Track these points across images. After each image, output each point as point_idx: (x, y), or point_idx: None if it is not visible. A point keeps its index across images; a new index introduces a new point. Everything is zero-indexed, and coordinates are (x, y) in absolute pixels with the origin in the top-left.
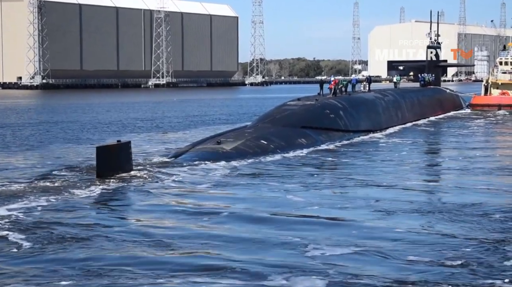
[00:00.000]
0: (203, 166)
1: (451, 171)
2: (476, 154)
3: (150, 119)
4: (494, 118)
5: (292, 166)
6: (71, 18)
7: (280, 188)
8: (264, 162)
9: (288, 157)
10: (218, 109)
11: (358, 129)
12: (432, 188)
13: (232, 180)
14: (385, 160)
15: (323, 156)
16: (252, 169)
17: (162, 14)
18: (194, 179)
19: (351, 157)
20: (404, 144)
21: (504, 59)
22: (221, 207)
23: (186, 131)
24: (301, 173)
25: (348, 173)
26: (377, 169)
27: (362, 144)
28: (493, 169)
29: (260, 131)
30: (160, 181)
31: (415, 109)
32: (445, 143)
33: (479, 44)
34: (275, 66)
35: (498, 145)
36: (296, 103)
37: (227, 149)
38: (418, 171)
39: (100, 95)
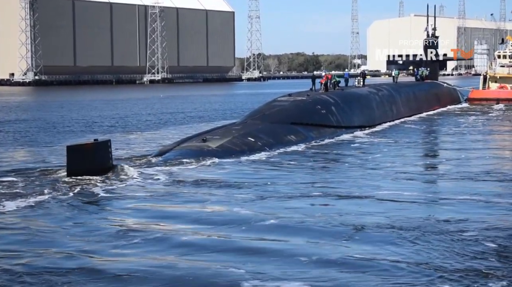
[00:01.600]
0: (182, 166)
1: (421, 175)
2: (463, 155)
3: (113, 118)
4: (491, 113)
5: (259, 169)
6: (64, 13)
7: (230, 199)
8: (243, 161)
9: (267, 157)
10: (198, 106)
11: (351, 125)
12: (402, 199)
13: (200, 188)
14: (353, 165)
15: (303, 156)
16: (221, 171)
17: (157, 10)
18: (169, 180)
19: (321, 159)
20: (384, 144)
21: (502, 52)
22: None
23: (169, 129)
24: (260, 180)
25: (310, 181)
26: (343, 175)
27: (337, 145)
28: (481, 174)
29: (248, 128)
30: (134, 181)
31: (411, 104)
32: (429, 144)
33: (479, 38)
34: (274, 61)
35: (491, 146)
36: (287, 99)
37: (212, 146)
38: (391, 176)
39: (89, 92)
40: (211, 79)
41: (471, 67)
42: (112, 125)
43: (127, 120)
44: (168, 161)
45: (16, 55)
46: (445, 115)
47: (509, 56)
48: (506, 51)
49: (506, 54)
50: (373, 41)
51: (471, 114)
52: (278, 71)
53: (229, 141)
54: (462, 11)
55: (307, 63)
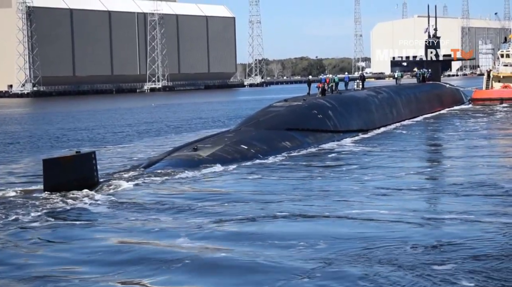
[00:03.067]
0: (171, 177)
1: (401, 190)
2: (452, 165)
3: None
4: (494, 115)
5: (233, 182)
6: (61, 23)
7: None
8: (229, 170)
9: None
10: (193, 115)
11: (348, 129)
12: (378, 218)
13: (145, 213)
14: (327, 178)
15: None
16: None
17: (156, 17)
18: (153, 194)
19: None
20: (368, 153)
21: (505, 51)
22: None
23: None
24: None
25: (277, 199)
26: (315, 191)
27: (314, 155)
28: (472, 186)
29: (241, 136)
30: (115, 197)
31: (412, 106)
32: (418, 152)
33: (483, 38)
34: (277, 66)
35: (488, 153)
36: (283, 104)
37: (203, 155)
38: (368, 191)
39: (88, 102)
40: (213, 86)
41: (476, 67)
42: (103, 136)
43: (118, 130)
44: (155, 173)
45: (14, 67)
46: (445, 118)
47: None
48: (510, 50)
49: (510, 53)
50: (376, 44)
51: (472, 116)
52: (282, 76)
53: (221, 150)
54: (466, 11)
55: (311, 67)
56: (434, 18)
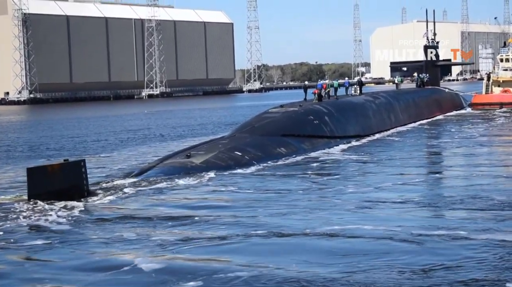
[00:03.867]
0: (160, 186)
1: (384, 205)
2: (440, 176)
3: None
4: (493, 121)
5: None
6: (58, 30)
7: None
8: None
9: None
10: (181, 121)
11: (345, 135)
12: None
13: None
14: (307, 190)
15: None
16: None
17: (153, 23)
18: (141, 204)
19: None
20: (354, 162)
21: (505, 56)
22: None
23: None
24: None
25: (251, 214)
26: (298, 207)
27: (296, 165)
28: (460, 200)
29: (236, 142)
30: (105, 207)
31: (410, 111)
32: (404, 165)
33: (483, 42)
34: (277, 71)
35: (483, 162)
36: (278, 110)
37: (196, 162)
38: (350, 205)
39: (85, 109)
40: (211, 92)
41: (476, 71)
42: (95, 143)
43: (113, 137)
44: (146, 181)
45: (10, 74)
46: (443, 123)
47: (511, 59)
48: (509, 55)
49: (509, 58)
50: (376, 49)
51: (471, 122)
52: (281, 82)
53: (215, 157)
54: (465, 15)
55: (311, 72)
56: (432, 22)
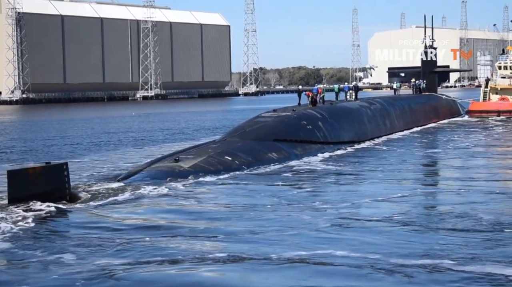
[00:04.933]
0: (144, 191)
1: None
2: (422, 191)
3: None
4: (490, 130)
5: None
6: (52, 30)
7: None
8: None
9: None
10: (164, 125)
11: (339, 140)
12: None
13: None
14: (276, 205)
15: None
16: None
17: (149, 24)
18: (114, 212)
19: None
20: (333, 174)
21: (503, 63)
22: None
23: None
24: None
25: (211, 233)
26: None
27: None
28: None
29: (226, 146)
30: (84, 213)
31: (406, 117)
32: (386, 178)
33: (482, 49)
34: (274, 75)
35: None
36: (271, 114)
37: (185, 167)
38: (322, 223)
39: (77, 110)
40: (207, 94)
41: (474, 78)
42: (84, 145)
43: (106, 138)
44: (131, 186)
45: (3, 73)
46: (437, 131)
47: (510, 67)
48: (507, 62)
49: (507, 65)
50: (374, 53)
51: (466, 130)
52: (279, 85)
53: (204, 161)
54: (464, 22)
55: (308, 76)
56: (433, 28)
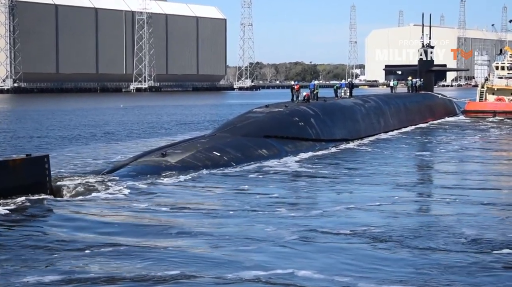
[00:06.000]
0: (126, 187)
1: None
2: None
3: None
4: (486, 131)
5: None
6: (46, 19)
7: None
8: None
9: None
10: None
11: (331, 138)
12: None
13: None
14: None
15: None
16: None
17: (144, 16)
18: (104, 206)
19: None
20: (303, 178)
21: (500, 63)
22: None
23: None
24: None
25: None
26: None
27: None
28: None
29: (215, 142)
30: (49, 210)
31: (401, 116)
32: (364, 183)
33: (480, 49)
34: (271, 70)
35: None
36: (263, 110)
37: (172, 161)
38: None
39: (66, 100)
40: (201, 88)
41: (471, 78)
42: (71, 137)
43: (91, 130)
44: (114, 180)
45: None
46: (430, 131)
47: (507, 67)
48: (505, 62)
49: (504, 66)
50: (371, 51)
51: (460, 131)
52: (275, 80)
53: (191, 156)
54: (462, 21)
55: (305, 72)
56: (431, 27)
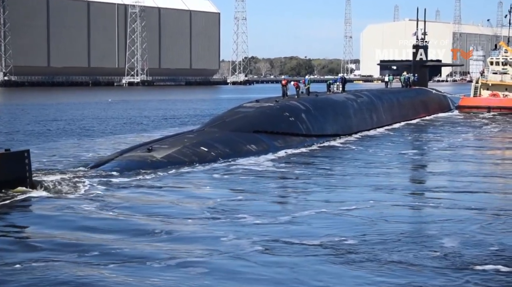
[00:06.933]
0: (107, 184)
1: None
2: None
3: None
4: (477, 129)
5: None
6: (37, 11)
7: None
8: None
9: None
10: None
11: (322, 133)
12: None
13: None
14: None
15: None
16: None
17: (137, 9)
18: (83, 202)
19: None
20: (281, 180)
21: (495, 59)
22: None
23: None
24: None
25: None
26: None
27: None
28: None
29: (203, 137)
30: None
31: (394, 111)
32: (340, 185)
33: (475, 44)
34: (265, 64)
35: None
36: (253, 105)
37: (157, 157)
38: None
39: (57, 94)
40: (194, 82)
41: (466, 73)
42: (56, 130)
43: (79, 125)
44: (97, 176)
45: None
46: (424, 127)
47: (502, 62)
48: (499, 58)
49: (499, 61)
50: (366, 46)
51: (452, 128)
52: (270, 75)
53: (178, 151)
54: (458, 16)
55: (300, 67)
56: (426, 22)
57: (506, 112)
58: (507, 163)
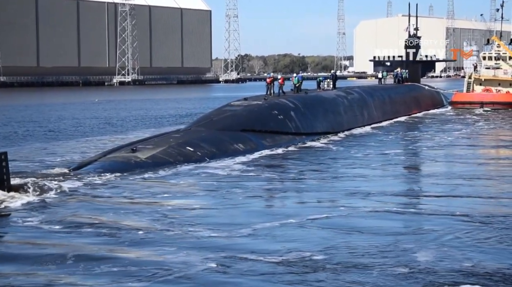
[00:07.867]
0: (89, 186)
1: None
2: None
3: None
4: (472, 123)
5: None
6: (26, 10)
7: None
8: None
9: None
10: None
11: (312, 131)
12: None
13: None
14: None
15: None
16: None
17: (127, 7)
18: (64, 205)
19: None
20: (252, 185)
21: (487, 53)
22: None
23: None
24: None
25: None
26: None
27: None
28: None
29: (189, 136)
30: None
31: (386, 108)
32: (313, 190)
33: (468, 39)
34: (258, 62)
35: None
36: (241, 103)
37: (142, 157)
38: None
39: (46, 94)
40: (186, 81)
41: (460, 69)
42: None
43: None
44: (79, 178)
45: None
46: (414, 124)
47: (494, 57)
48: (492, 52)
49: (492, 56)
50: (360, 42)
51: (444, 124)
52: (263, 73)
53: (163, 152)
54: (451, 11)
55: (293, 64)
56: (418, 17)
57: (499, 107)
58: (496, 164)
